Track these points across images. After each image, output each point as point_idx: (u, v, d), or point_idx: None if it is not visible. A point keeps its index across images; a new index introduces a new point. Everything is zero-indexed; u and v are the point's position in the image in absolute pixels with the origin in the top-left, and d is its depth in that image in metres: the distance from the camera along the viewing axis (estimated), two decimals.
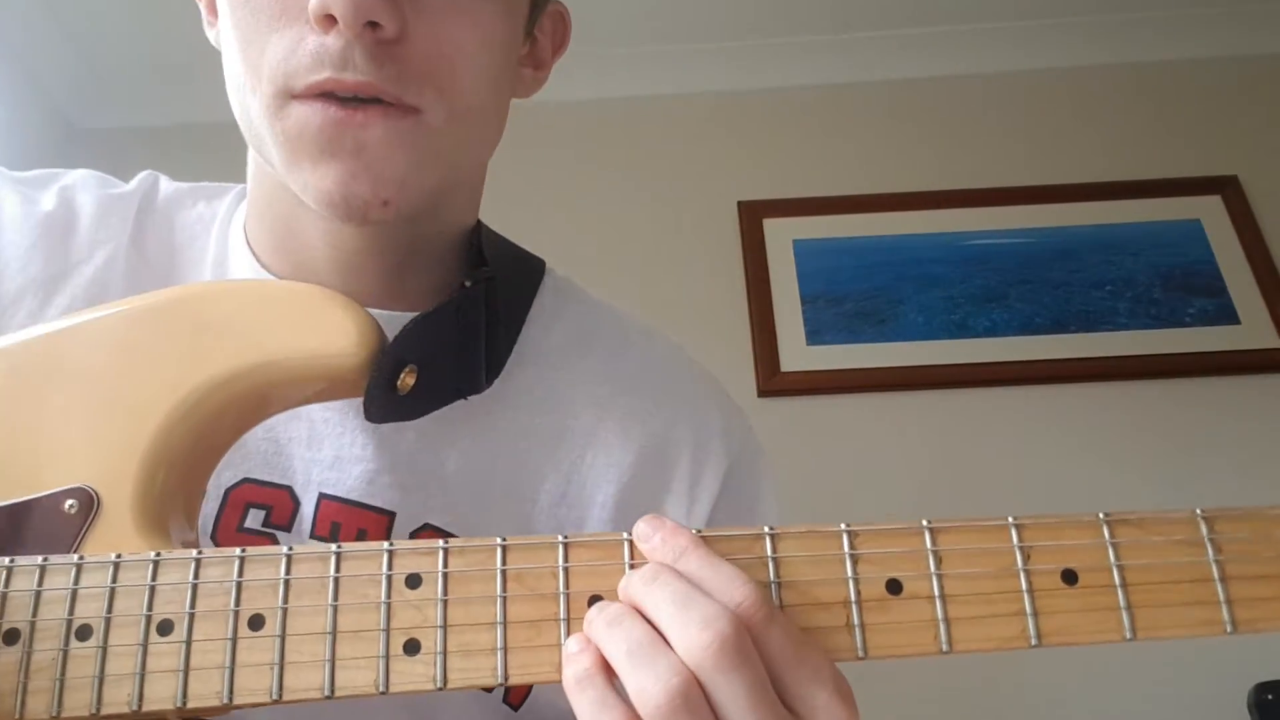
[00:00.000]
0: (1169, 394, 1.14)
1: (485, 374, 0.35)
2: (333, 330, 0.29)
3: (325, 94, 0.29)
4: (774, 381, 1.15)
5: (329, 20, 0.28)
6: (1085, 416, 1.13)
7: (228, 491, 0.33)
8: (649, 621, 0.23)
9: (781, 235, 1.25)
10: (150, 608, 0.24)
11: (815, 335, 1.18)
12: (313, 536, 0.33)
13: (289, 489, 0.33)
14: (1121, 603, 0.24)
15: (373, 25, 0.28)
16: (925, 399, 1.15)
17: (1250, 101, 1.31)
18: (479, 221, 0.39)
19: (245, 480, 0.33)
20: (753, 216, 1.26)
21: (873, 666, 0.24)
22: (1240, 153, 1.27)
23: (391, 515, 0.33)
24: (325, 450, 0.34)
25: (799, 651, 0.23)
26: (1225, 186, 1.26)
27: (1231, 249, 1.22)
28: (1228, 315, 1.18)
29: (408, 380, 0.31)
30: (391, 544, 0.24)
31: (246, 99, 0.31)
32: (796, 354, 1.17)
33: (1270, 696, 0.90)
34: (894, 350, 1.17)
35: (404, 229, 0.34)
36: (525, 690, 0.34)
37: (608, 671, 0.23)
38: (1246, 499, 0.26)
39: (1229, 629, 0.24)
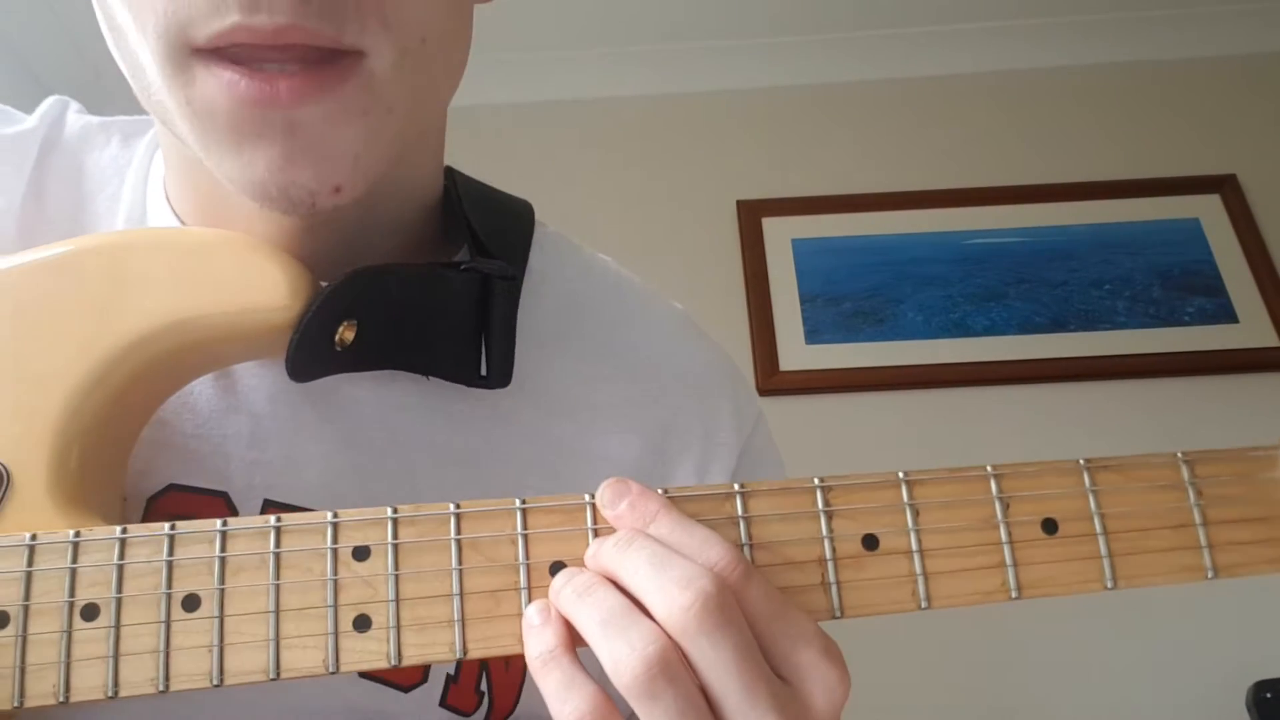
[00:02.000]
0: (1168, 393, 1.13)
1: (487, 370, 0.30)
2: (259, 282, 0.25)
3: (234, 53, 0.23)
4: (773, 380, 1.14)
5: None
6: (1084, 415, 1.12)
7: (150, 501, 0.28)
8: (623, 590, 0.21)
9: (780, 234, 1.24)
10: (72, 592, 0.22)
11: (814, 334, 1.17)
12: None
13: (224, 496, 0.28)
14: (1102, 550, 0.24)
15: None
16: (924, 398, 1.14)
17: (1249, 100, 1.31)
18: (450, 170, 0.34)
19: (171, 487, 0.28)
20: (751, 215, 1.25)
21: (865, 657, 0.23)
22: (1238, 151, 1.27)
23: None
24: (272, 450, 0.29)
25: (782, 612, 0.21)
26: (1224, 185, 1.25)
27: (1230, 248, 1.22)
28: (1226, 314, 1.17)
29: (346, 335, 0.27)
30: (335, 514, 0.23)
31: (138, 54, 0.24)
32: (795, 353, 1.16)
33: (1269, 695, 0.89)
34: (893, 349, 1.16)
35: (358, 200, 0.28)
36: (507, 711, 0.31)
37: (573, 647, 0.21)
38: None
39: (1210, 574, 0.24)
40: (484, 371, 0.30)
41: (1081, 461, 0.24)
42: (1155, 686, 0.98)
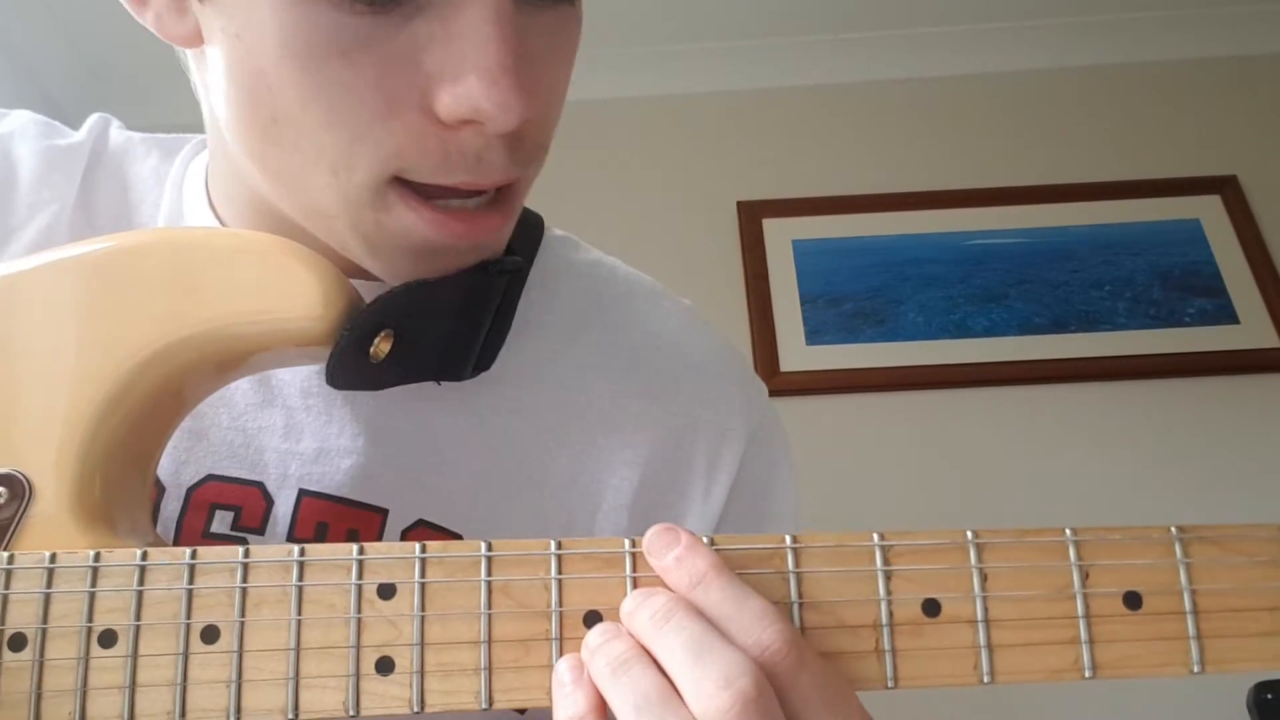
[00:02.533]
0: (1168, 394, 1.13)
1: (473, 363, 0.31)
2: (293, 291, 0.25)
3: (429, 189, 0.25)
4: (773, 381, 1.14)
5: (468, 123, 0.24)
6: (1084, 416, 1.12)
7: (190, 491, 0.29)
8: (660, 666, 0.21)
9: (781, 235, 1.24)
10: (90, 617, 0.21)
11: (815, 335, 1.17)
12: (292, 538, 0.29)
13: (260, 485, 0.29)
14: (1190, 631, 0.22)
15: None
16: (924, 399, 1.14)
17: (1250, 101, 1.31)
18: None
19: (209, 477, 0.29)
20: (752, 216, 1.25)
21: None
22: (1239, 152, 1.27)
23: (384, 512, 0.30)
24: (306, 442, 0.30)
25: (831, 704, 0.20)
26: (1224, 186, 1.25)
27: (1231, 249, 1.22)
28: (1227, 315, 1.17)
29: (382, 346, 0.27)
30: (362, 549, 0.22)
31: (311, 175, 0.26)
32: (796, 354, 1.16)
33: (1270, 696, 0.89)
34: (893, 350, 1.16)
35: None
36: None
37: (604, 711, 0.21)
38: (1245, 500, 0.24)
39: None
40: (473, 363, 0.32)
41: (1173, 530, 0.22)
42: (1156, 687, 0.98)
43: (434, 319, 0.29)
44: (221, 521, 0.29)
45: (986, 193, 1.26)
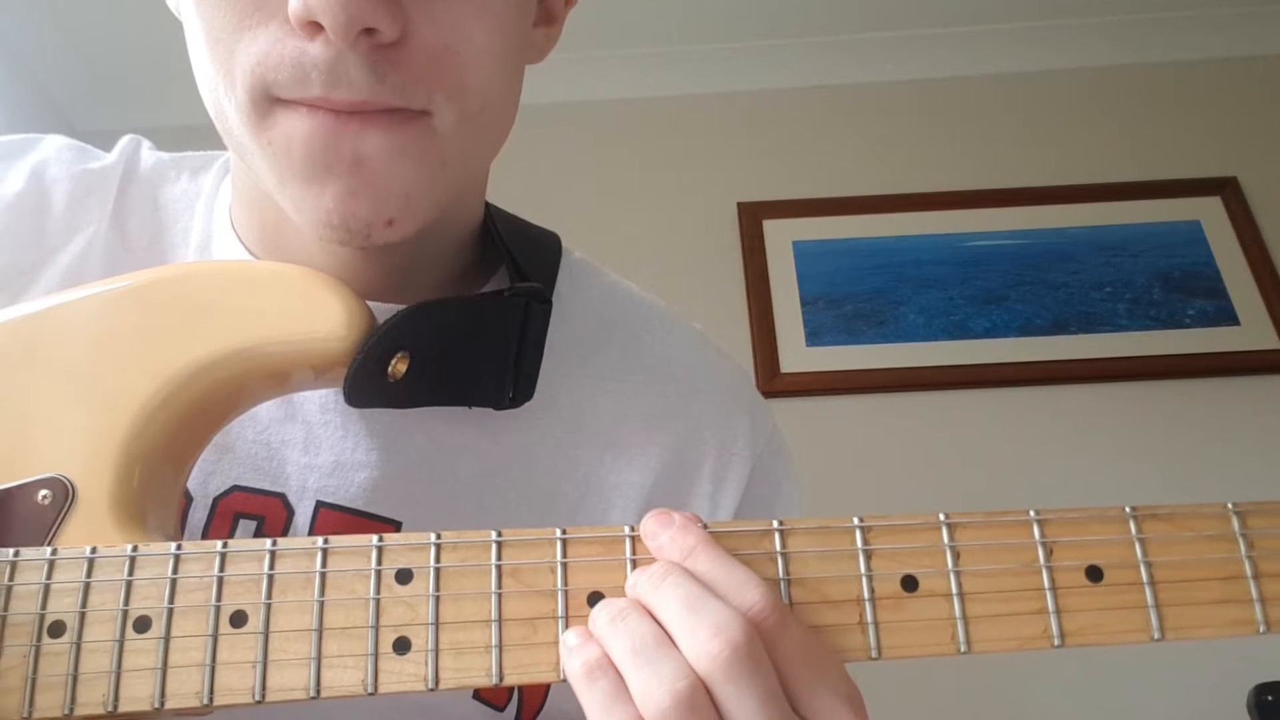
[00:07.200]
0: (1168, 395, 1.14)
1: (514, 391, 0.32)
2: (319, 313, 0.27)
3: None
4: (774, 383, 1.15)
5: (314, 27, 0.24)
6: (1084, 418, 1.13)
7: (216, 500, 0.30)
8: (657, 621, 0.22)
9: (781, 236, 1.25)
10: (127, 603, 0.23)
11: (815, 336, 1.18)
12: None
13: (282, 497, 0.31)
14: (1149, 600, 0.23)
15: (368, 31, 0.25)
16: (925, 400, 1.14)
17: (1250, 102, 1.32)
18: (487, 204, 0.36)
19: (235, 488, 0.31)
20: (752, 217, 1.26)
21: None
22: (1240, 154, 1.27)
23: (398, 525, 0.31)
24: (324, 455, 0.31)
25: (812, 660, 0.22)
26: (1225, 188, 1.26)
27: (1231, 250, 1.22)
28: (1227, 316, 1.18)
29: (399, 367, 0.28)
30: (381, 538, 0.23)
31: (221, 101, 0.27)
32: (796, 355, 1.17)
33: (1270, 697, 0.89)
34: (893, 351, 1.17)
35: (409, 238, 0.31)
36: (536, 707, 0.32)
37: (611, 662, 0.22)
38: (1247, 500, 0.25)
39: (1262, 629, 0.24)
40: (511, 393, 0.32)
41: (1128, 509, 0.24)
42: (1156, 688, 0.99)
43: (450, 341, 0.30)
44: (245, 530, 0.30)
45: (987, 194, 1.27)
